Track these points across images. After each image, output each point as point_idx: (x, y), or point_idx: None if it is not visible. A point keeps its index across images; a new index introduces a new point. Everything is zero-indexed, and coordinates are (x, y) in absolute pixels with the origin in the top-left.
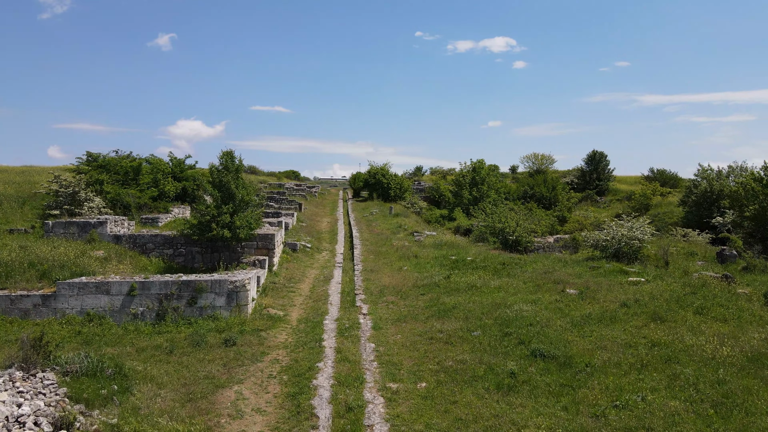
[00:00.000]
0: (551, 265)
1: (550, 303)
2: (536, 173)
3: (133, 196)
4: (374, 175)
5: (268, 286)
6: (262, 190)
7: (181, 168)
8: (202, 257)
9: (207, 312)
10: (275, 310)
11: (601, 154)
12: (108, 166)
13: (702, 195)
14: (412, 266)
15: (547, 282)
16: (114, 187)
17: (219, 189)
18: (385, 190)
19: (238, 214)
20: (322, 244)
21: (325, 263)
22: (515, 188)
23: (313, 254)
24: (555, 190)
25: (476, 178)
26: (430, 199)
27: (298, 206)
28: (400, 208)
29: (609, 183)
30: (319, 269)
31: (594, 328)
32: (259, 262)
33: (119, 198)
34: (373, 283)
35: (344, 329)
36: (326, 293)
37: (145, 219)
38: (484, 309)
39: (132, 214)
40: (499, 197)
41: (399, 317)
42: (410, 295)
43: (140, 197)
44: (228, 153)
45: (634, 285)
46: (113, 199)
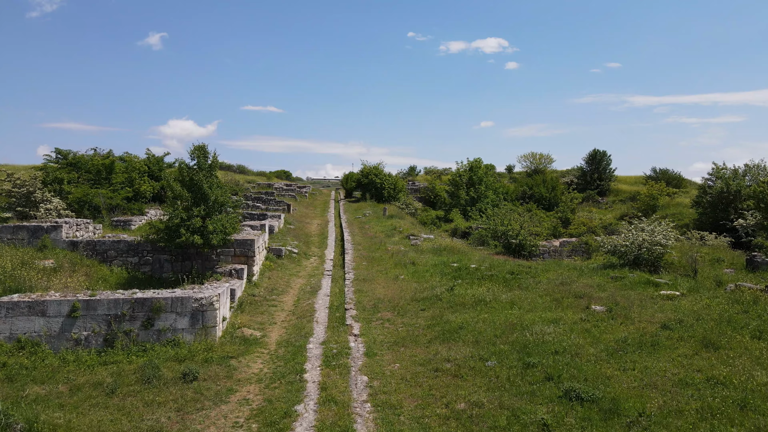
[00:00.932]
0: (567, 274)
1: (575, 323)
2: (534, 173)
3: (104, 197)
4: (367, 174)
5: (245, 300)
6: (249, 190)
7: (159, 166)
8: (171, 266)
9: (166, 336)
10: (251, 330)
11: (602, 153)
12: (79, 164)
13: (717, 195)
14: (409, 275)
15: (567, 296)
16: (84, 187)
17: (189, 189)
18: (378, 191)
19: (212, 217)
20: (311, 248)
21: (312, 271)
22: (513, 189)
23: (300, 261)
24: (555, 190)
25: (473, 178)
26: (425, 199)
27: (287, 207)
28: (395, 209)
29: (610, 183)
30: (305, 278)
31: (635, 358)
32: (236, 272)
33: (87, 199)
34: (366, 295)
35: (331, 356)
36: (312, 308)
37: (117, 222)
38: (497, 330)
39: (102, 217)
40: (498, 198)
41: (396, 340)
42: (409, 310)
43: (112, 198)
44: (200, 148)
45: (669, 300)
46: (80, 200)
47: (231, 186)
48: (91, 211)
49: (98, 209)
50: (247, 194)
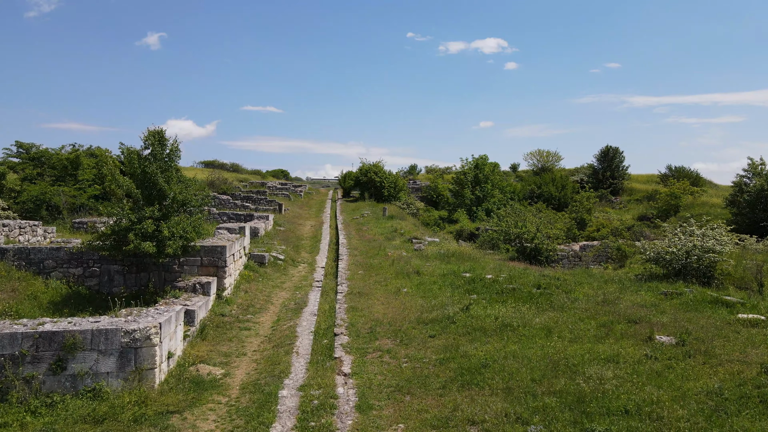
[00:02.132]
0: (606, 289)
1: (640, 362)
2: (541, 171)
3: (65, 195)
4: (366, 173)
5: (210, 323)
6: (240, 189)
7: None
8: (123, 279)
9: (84, 383)
10: (210, 367)
11: (615, 150)
12: (42, 158)
13: (757, 194)
14: (413, 287)
15: (617, 319)
16: (42, 184)
17: (141, 185)
18: (378, 190)
19: (169, 219)
20: (300, 254)
21: (300, 282)
22: (520, 187)
23: (287, 269)
24: (565, 189)
25: (479, 176)
26: (428, 199)
27: (278, 207)
28: (395, 210)
29: (623, 182)
30: (290, 291)
31: (746, 425)
32: (201, 286)
33: (45, 198)
34: (362, 314)
35: (310, 411)
36: (294, 332)
37: (79, 224)
38: (534, 371)
39: (63, 218)
40: (505, 197)
41: (399, 383)
42: (414, 337)
43: (76, 197)
44: (155, 133)
45: (754, 327)
46: (37, 198)
47: (218, 184)
48: (50, 211)
49: (58, 210)
50: (235, 193)
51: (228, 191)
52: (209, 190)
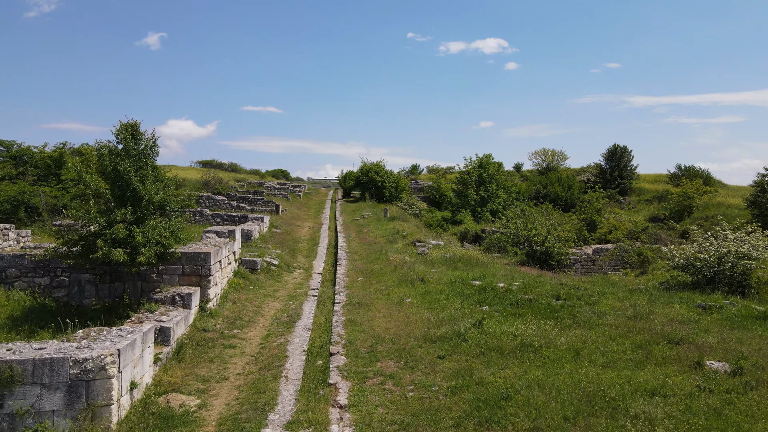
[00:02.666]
0: (631, 299)
1: (691, 395)
2: (547, 171)
3: (46, 196)
4: (367, 172)
5: (189, 341)
6: (236, 190)
7: None
8: (96, 289)
9: (25, 423)
10: (184, 397)
11: (623, 149)
12: (25, 157)
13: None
14: (418, 297)
15: (654, 339)
16: (21, 183)
17: (113, 184)
18: (379, 190)
19: (144, 223)
20: (297, 258)
21: (294, 290)
22: (525, 187)
23: (281, 275)
24: (571, 189)
25: (483, 176)
26: (430, 199)
27: (275, 208)
28: (397, 210)
29: (632, 182)
30: (283, 301)
31: None
32: (181, 298)
33: (23, 198)
34: (361, 329)
35: None
36: (284, 351)
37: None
38: (566, 406)
39: (42, 220)
40: (510, 198)
41: (404, 420)
42: (421, 358)
43: (58, 197)
44: (128, 127)
45: None
46: (14, 199)
47: (213, 184)
48: (29, 213)
49: (38, 211)
50: (231, 194)
51: (223, 191)
52: (204, 190)
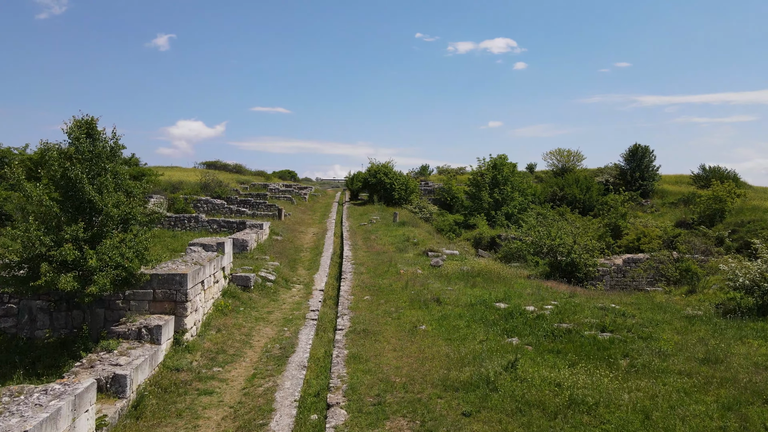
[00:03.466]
0: (692, 330)
1: None
2: (562, 172)
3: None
4: (375, 174)
5: (153, 389)
6: (238, 192)
7: None
8: (50, 318)
9: None
10: None
11: (644, 149)
12: (5, 159)
13: None
14: (434, 323)
15: (744, 395)
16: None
17: (65, 194)
18: (387, 192)
19: (102, 242)
20: (297, 271)
21: (291, 311)
22: (540, 189)
23: (277, 292)
24: (590, 191)
25: (498, 178)
26: (441, 202)
27: (278, 212)
28: (407, 214)
29: (654, 183)
30: (277, 326)
31: None
32: (148, 332)
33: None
34: (367, 369)
35: None
36: (271, 400)
37: None
38: None
39: None
40: (525, 200)
41: None
42: (442, 417)
43: None
44: (83, 123)
45: None
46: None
47: (213, 187)
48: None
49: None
50: (231, 197)
51: (223, 195)
52: (202, 193)
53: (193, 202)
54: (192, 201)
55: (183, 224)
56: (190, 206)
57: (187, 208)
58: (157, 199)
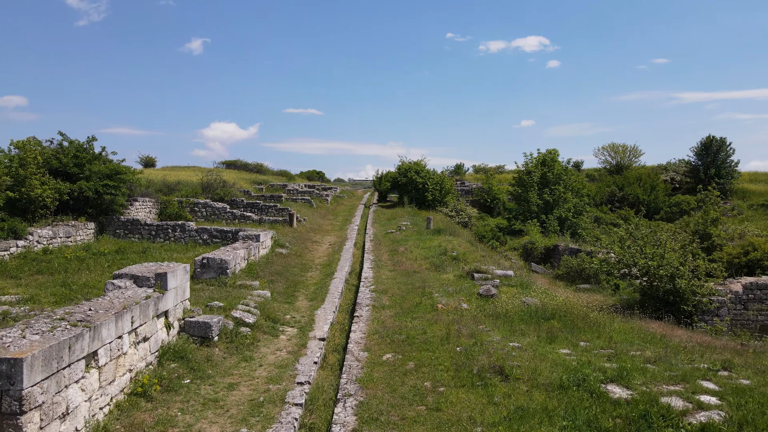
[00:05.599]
0: None
1: None
2: (617, 170)
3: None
4: (406, 172)
5: None
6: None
7: (78, 159)
8: None
9: None
10: None
11: (720, 142)
12: None
13: None
14: (501, 422)
15: None
16: None
17: None
18: (420, 193)
19: None
20: (296, 303)
21: (265, 386)
22: (595, 189)
23: (256, 345)
24: (655, 190)
25: (548, 176)
26: (480, 204)
27: (289, 218)
28: (442, 219)
29: (733, 181)
30: (233, 425)
31: None
32: None
33: None
34: None
35: None
36: None
37: None
38: None
39: None
40: (581, 202)
41: None
42: None
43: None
44: None
45: None
46: None
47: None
48: None
49: None
50: (236, 199)
51: (227, 197)
52: (202, 195)
53: (190, 205)
54: (188, 204)
55: (166, 234)
56: (186, 210)
57: (182, 213)
58: (144, 202)
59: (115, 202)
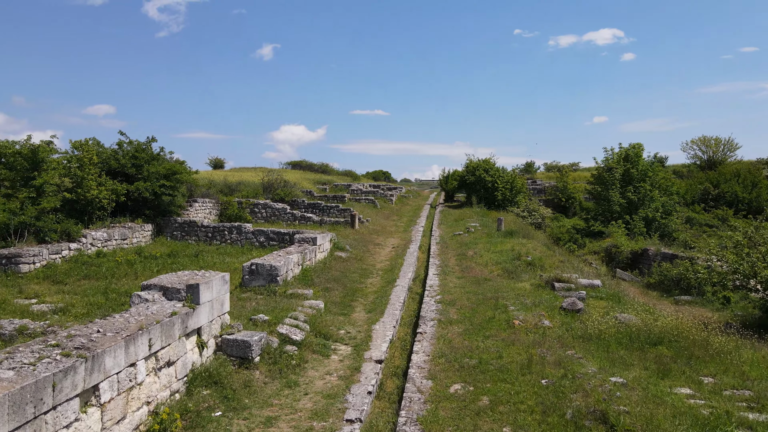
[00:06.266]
0: None
1: None
2: (710, 165)
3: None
4: (474, 171)
5: None
6: (312, 195)
7: (137, 160)
8: None
9: None
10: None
11: None
12: (5, 155)
13: None
14: None
15: None
16: None
17: None
18: (489, 192)
19: None
20: (352, 315)
21: (308, 422)
22: (685, 187)
23: (303, 367)
24: (757, 188)
25: (632, 173)
26: (554, 203)
27: (351, 219)
28: (513, 220)
29: None
30: None
31: None
32: None
33: None
34: None
35: None
36: None
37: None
38: None
39: None
40: (671, 200)
41: None
42: None
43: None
44: None
45: None
46: None
47: (276, 188)
48: None
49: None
50: (297, 200)
51: (287, 197)
52: (262, 195)
53: (249, 206)
54: (248, 205)
55: (222, 236)
56: (246, 211)
57: (241, 214)
58: (203, 203)
59: (173, 203)
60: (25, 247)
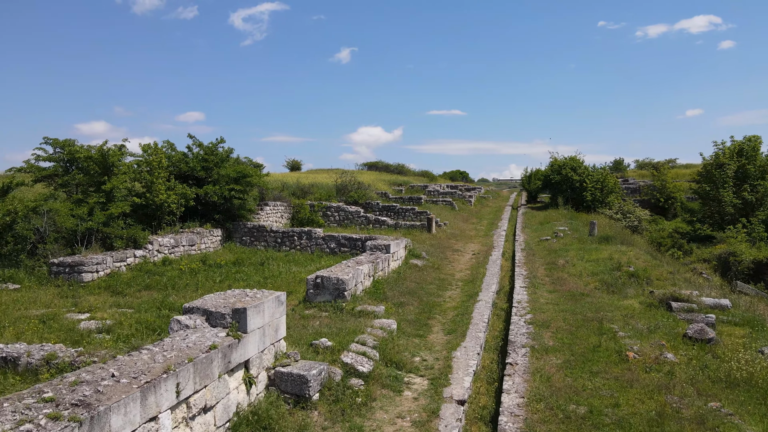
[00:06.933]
0: None
1: None
2: None
3: (51, 216)
4: (559, 170)
5: None
6: (387, 196)
7: (207, 163)
8: None
9: None
10: None
11: None
12: (78, 160)
13: None
14: None
15: None
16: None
17: None
18: (576, 192)
19: None
20: (428, 336)
21: None
22: None
23: (369, 407)
24: None
25: (748, 169)
26: (650, 204)
27: (427, 222)
28: (607, 223)
29: None
30: None
31: None
32: None
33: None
34: None
35: None
36: None
37: (59, 266)
38: None
39: (42, 254)
40: None
41: None
42: None
43: (83, 218)
44: None
45: None
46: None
47: (349, 190)
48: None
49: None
50: (371, 202)
51: (361, 199)
52: (335, 198)
53: (322, 209)
54: (320, 208)
55: (291, 242)
56: (318, 215)
57: (313, 218)
58: (275, 206)
59: (243, 207)
60: (90, 254)
